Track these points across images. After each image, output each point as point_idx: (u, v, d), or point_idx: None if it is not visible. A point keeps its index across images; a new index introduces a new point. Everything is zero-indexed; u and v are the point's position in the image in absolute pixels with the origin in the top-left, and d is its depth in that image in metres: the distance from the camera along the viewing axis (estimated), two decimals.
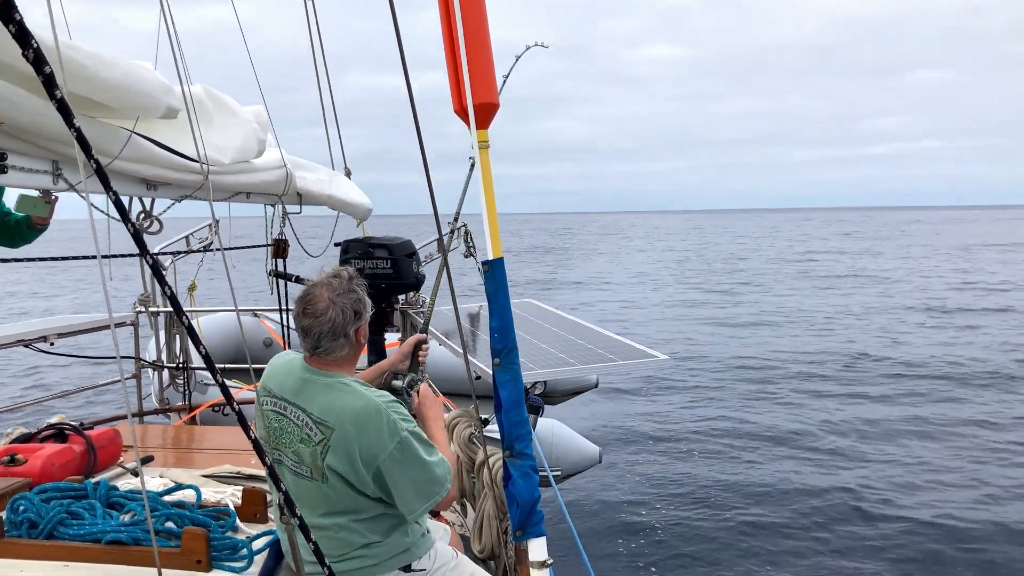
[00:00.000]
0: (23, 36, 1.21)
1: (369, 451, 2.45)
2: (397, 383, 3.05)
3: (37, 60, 1.23)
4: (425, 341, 3.42)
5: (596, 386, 8.58)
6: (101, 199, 3.57)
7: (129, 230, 1.30)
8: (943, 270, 37.88)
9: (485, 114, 1.99)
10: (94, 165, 1.29)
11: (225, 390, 1.43)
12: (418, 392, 3.03)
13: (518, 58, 4.03)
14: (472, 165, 1.97)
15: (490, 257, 2.00)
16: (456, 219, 4.97)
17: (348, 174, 6.24)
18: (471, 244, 6.70)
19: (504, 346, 2.04)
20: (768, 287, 32.05)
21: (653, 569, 6.99)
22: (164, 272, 5.79)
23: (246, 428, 1.42)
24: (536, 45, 4.12)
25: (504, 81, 3.72)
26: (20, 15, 1.21)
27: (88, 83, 2.69)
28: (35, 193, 3.46)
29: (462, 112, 1.99)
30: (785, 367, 15.46)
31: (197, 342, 1.36)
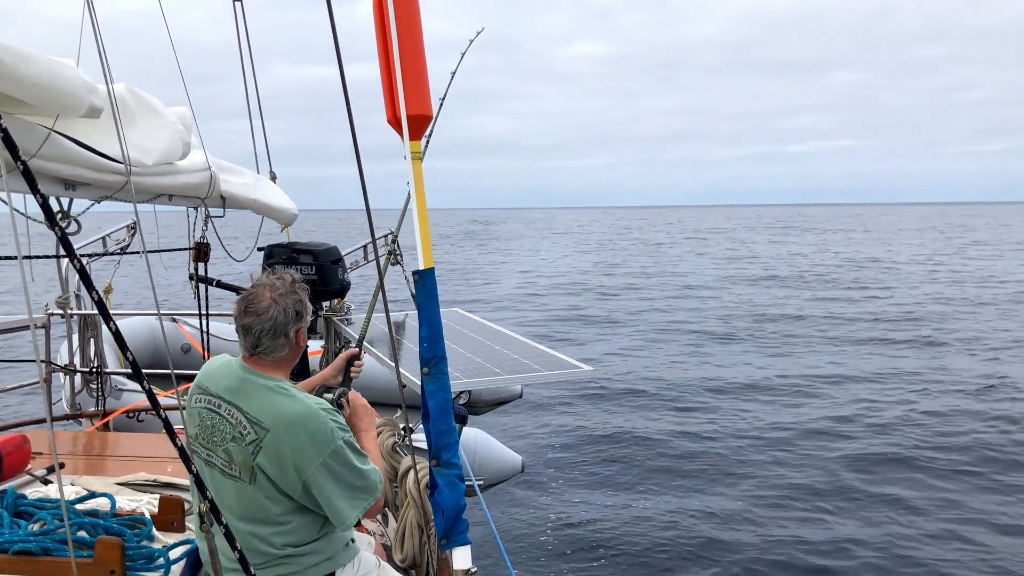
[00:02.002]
0: None
1: (302, 456, 2.44)
2: (328, 396, 3.03)
3: None
4: (358, 357, 3.42)
5: (520, 396, 8.63)
6: (14, 197, 3.44)
7: (56, 233, 1.28)
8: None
9: (418, 125, 2.01)
10: (20, 166, 1.27)
11: (152, 397, 1.41)
12: (348, 402, 3.02)
13: (453, 74, 4.11)
14: (408, 195, 1.97)
15: (421, 267, 2.02)
16: (395, 240, 5.00)
17: (273, 178, 6.15)
18: (398, 252, 6.68)
19: (434, 355, 2.06)
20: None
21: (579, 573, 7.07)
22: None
23: (172, 434, 1.41)
24: (476, 34, 4.10)
25: (441, 105, 3.80)
26: None
27: (7, 80, 2.60)
28: None
29: (395, 122, 2.00)
30: (697, 381, 15.81)
31: (124, 347, 1.34)
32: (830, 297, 27.29)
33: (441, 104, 3.72)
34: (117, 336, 1.34)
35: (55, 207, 3.96)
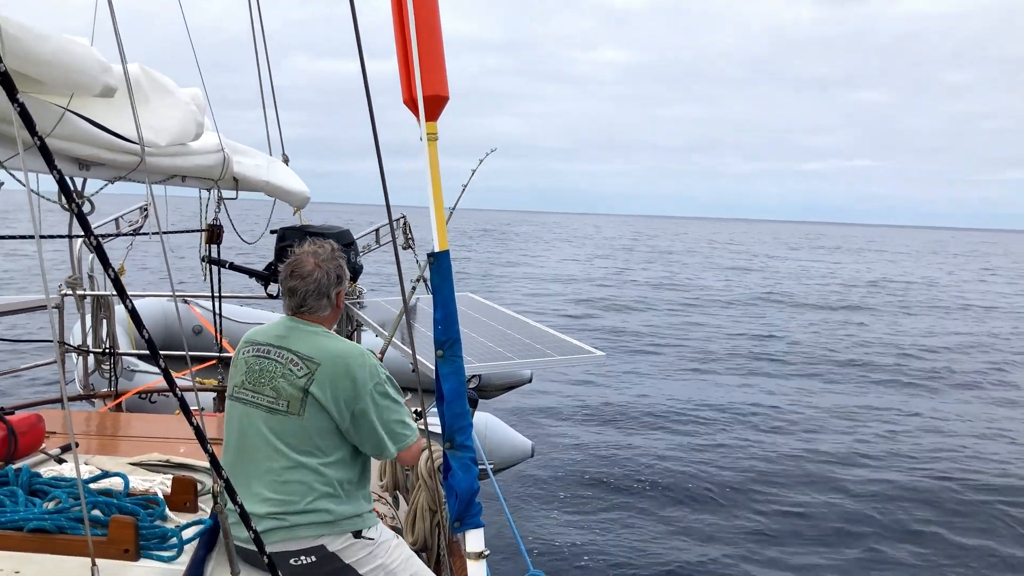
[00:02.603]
0: None
1: (352, 387, 2.69)
2: None
3: None
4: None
5: (530, 380, 8.64)
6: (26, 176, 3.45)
7: (72, 211, 1.27)
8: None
9: (434, 106, 1.99)
10: (37, 143, 1.26)
11: (168, 377, 1.41)
12: None
13: (481, 161, 4.35)
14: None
15: (436, 249, 2.01)
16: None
17: (286, 160, 6.14)
18: (410, 236, 6.68)
19: (448, 338, 2.05)
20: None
21: (586, 558, 7.09)
22: (93, 255, 5.63)
23: (188, 414, 1.40)
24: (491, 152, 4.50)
25: (463, 189, 4.08)
26: None
27: (21, 57, 2.60)
28: None
29: (411, 103, 1.99)
30: (720, 359, 15.80)
31: (140, 326, 1.34)
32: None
33: (460, 195, 3.91)
34: (134, 315, 1.33)
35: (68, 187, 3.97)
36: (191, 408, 1.70)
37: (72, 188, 3.78)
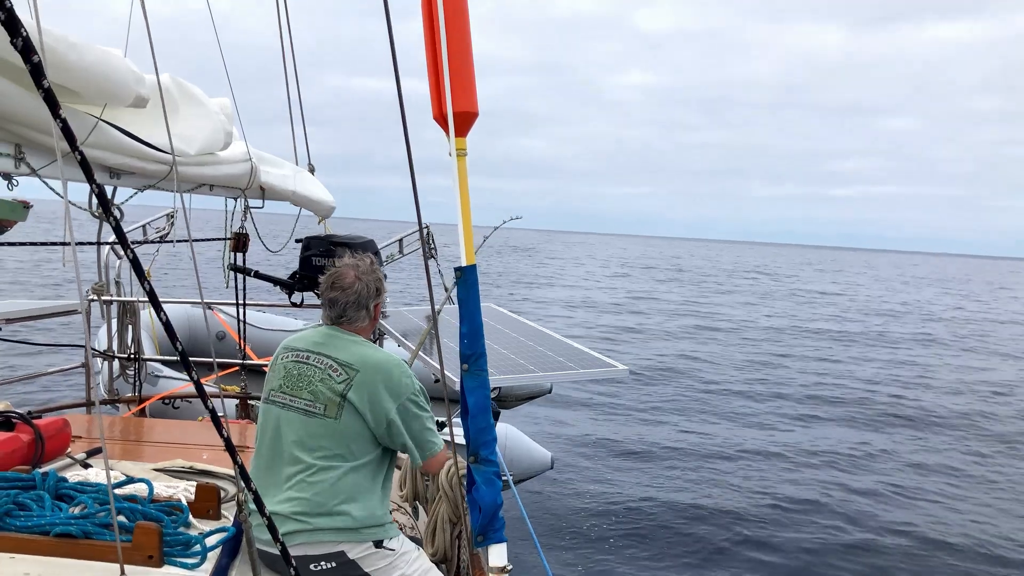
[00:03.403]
0: (12, 24, 1.19)
1: (388, 394, 2.78)
2: None
3: (26, 48, 1.22)
4: None
5: (550, 391, 8.63)
6: (59, 185, 3.50)
7: (111, 223, 1.29)
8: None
9: (464, 122, 2.01)
10: (78, 156, 1.28)
11: (199, 387, 1.42)
12: None
13: (504, 222, 4.43)
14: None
15: (463, 263, 2.02)
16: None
17: (312, 170, 6.19)
18: (433, 246, 6.71)
19: (473, 352, 2.06)
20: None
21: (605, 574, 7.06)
22: (120, 261, 5.70)
23: (219, 425, 1.42)
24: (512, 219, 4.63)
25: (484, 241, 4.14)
26: (10, 3, 1.20)
27: (57, 68, 2.64)
28: (9, 197, 3.49)
29: (441, 119, 2.00)
30: (733, 382, 15.70)
31: (174, 338, 1.35)
32: None
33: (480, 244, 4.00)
34: (168, 327, 1.35)
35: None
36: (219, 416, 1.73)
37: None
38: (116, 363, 6.09)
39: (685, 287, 43.25)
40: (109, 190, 3.89)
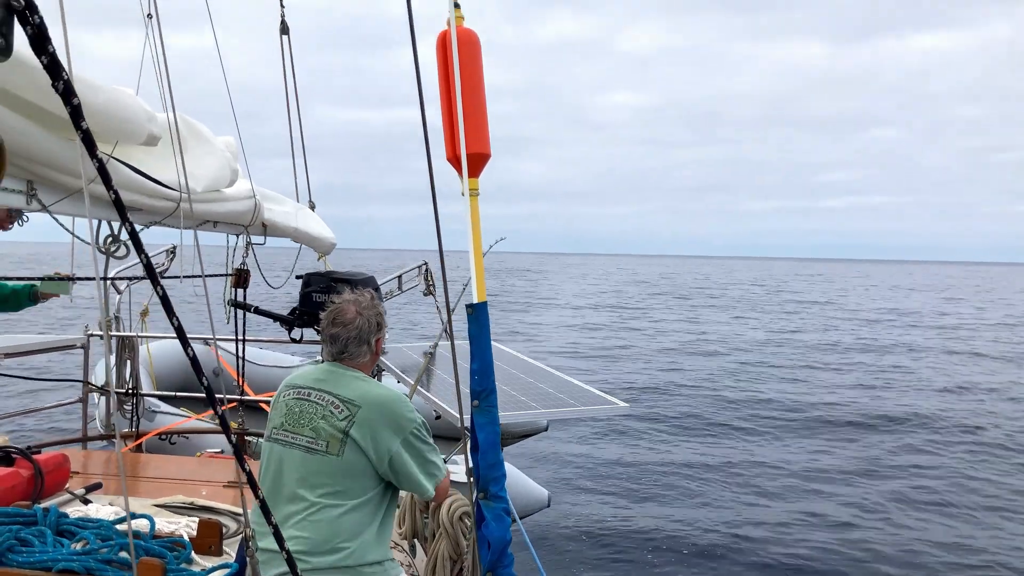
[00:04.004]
0: (55, 68, 1.23)
1: (390, 431, 2.77)
2: None
3: (67, 92, 1.26)
4: None
5: (546, 429, 8.60)
6: (68, 221, 3.53)
7: (143, 261, 1.32)
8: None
9: (477, 163, 2.06)
10: (112, 196, 1.32)
11: (224, 424, 1.44)
12: None
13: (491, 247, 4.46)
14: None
15: (475, 300, 2.05)
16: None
17: (312, 207, 6.24)
18: (431, 283, 6.74)
19: (484, 388, 2.08)
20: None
21: None
22: (120, 296, 5.71)
23: (241, 459, 1.44)
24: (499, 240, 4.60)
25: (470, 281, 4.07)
26: (53, 47, 1.24)
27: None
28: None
29: (454, 160, 2.05)
30: (737, 409, 15.68)
31: (200, 373, 1.38)
32: None
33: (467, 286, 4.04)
34: (195, 363, 1.38)
35: (105, 231, 4.05)
36: (210, 451, 1.73)
37: (109, 232, 3.87)
38: (113, 398, 6.08)
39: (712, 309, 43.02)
40: (115, 226, 3.93)
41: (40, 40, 1.21)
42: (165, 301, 1.35)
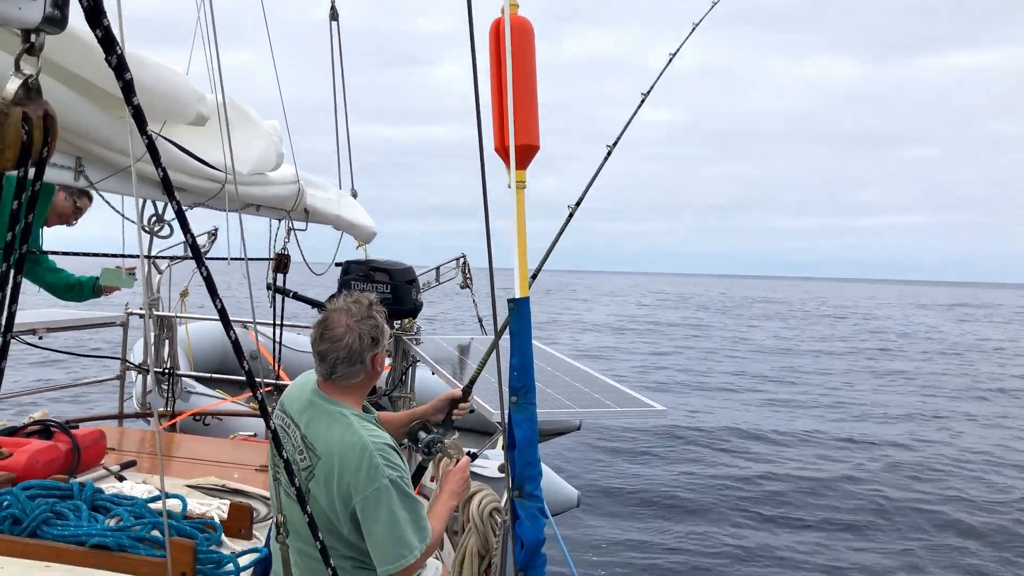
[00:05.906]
0: (109, 42, 1.21)
1: (347, 488, 2.39)
2: (423, 435, 2.99)
3: (120, 66, 1.24)
4: (465, 400, 3.23)
5: (579, 428, 8.56)
6: (114, 199, 3.54)
7: (188, 240, 1.30)
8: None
9: (525, 155, 2.01)
10: (161, 173, 1.30)
11: (264, 411, 1.42)
12: (444, 454, 2.94)
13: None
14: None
15: (517, 295, 2.01)
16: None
17: (355, 195, 6.25)
18: (468, 275, 6.73)
19: (523, 384, 2.04)
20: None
21: None
22: (161, 276, 5.76)
23: (279, 446, 1.42)
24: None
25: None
26: (108, 21, 1.22)
27: None
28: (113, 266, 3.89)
29: (503, 151, 2.01)
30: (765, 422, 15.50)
31: (241, 356, 1.36)
32: None
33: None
34: (236, 346, 1.36)
35: (150, 211, 4.07)
36: (242, 434, 1.71)
37: (154, 212, 3.88)
38: (150, 377, 6.14)
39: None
40: (160, 206, 3.95)
41: (95, 13, 1.19)
42: (209, 282, 1.33)
